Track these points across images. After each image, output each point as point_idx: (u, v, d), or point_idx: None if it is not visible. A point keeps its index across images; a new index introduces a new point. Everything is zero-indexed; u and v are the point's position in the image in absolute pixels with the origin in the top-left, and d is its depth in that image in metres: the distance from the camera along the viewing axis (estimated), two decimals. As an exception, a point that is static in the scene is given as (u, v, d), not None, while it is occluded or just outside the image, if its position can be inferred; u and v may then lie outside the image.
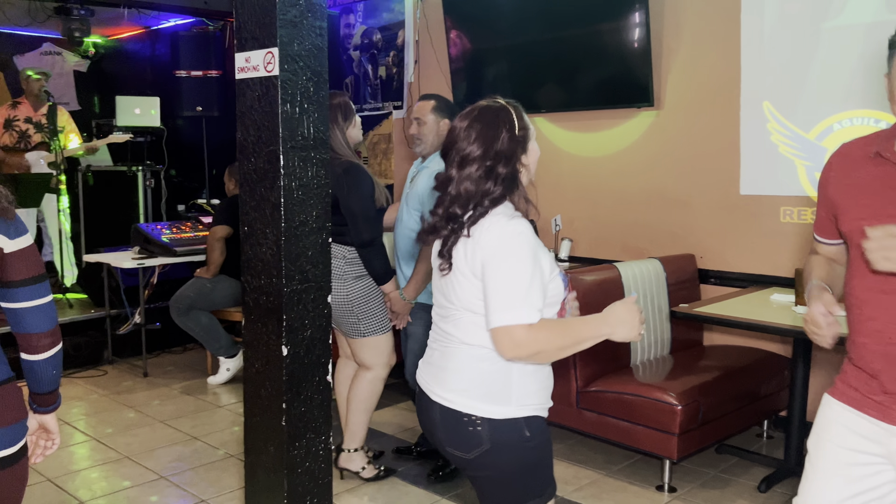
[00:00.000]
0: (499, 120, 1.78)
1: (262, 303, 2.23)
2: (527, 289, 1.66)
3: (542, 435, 1.81)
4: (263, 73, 2.16)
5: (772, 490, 3.24)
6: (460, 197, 1.75)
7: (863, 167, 1.72)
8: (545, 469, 1.83)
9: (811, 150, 3.70)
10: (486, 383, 1.76)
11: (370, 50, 5.87)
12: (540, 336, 1.66)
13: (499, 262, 1.68)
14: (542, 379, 1.82)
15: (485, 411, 1.75)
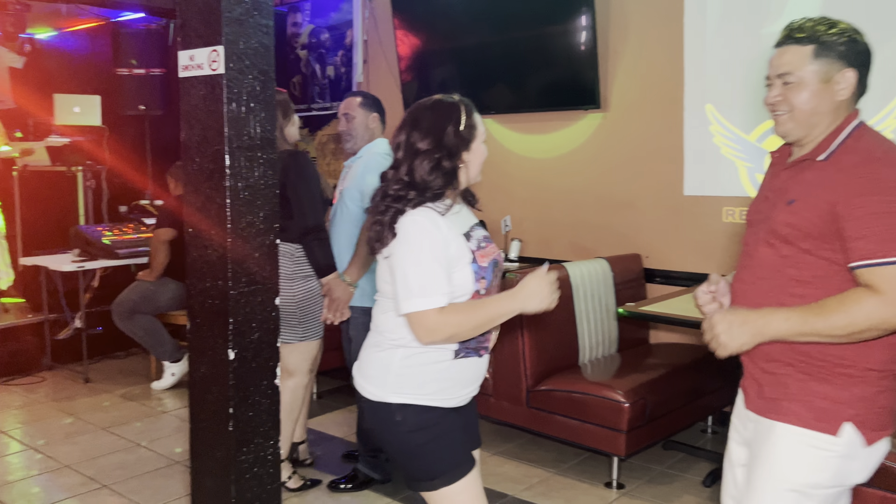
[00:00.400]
0: (448, 114, 1.86)
1: (208, 306, 2.19)
2: (431, 275, 1.76)
3: (421, 424, 1.87)
4: (208, 71, 2.11)
5: (716, 484, 3.31)
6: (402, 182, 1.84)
7: (775, 164, 1.84)
8: (430, 456, 1.88)
9: (752, 151, 3.80)
10: (372, 365, 1.92)
11: (318, 49, 5.82)
12: (451, 319, 1.76)
13: (403, 251, 1.79)
14: (429, 373, 1.87)
15: (365, 390, 1.92)
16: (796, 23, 1.69)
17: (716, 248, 3.95)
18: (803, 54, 1.65)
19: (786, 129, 1.70)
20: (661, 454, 3.64)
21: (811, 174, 1.65)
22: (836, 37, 1.64)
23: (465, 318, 1.78)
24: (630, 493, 3.25)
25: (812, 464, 1.65)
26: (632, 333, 4.01)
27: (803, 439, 1.65)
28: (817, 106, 1.65)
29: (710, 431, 3.95)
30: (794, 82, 1.66)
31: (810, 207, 1.62)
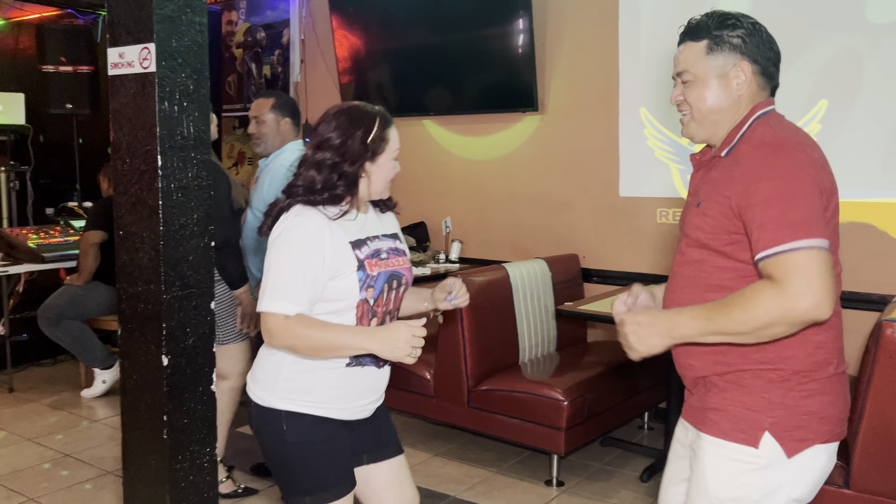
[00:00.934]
0: (361, 121, 1.82)
1: (140, 311, 2.13)
2: (290, 281, 1.71)
3: (305, 437, 1.81)
4: (139, 69, 2.06)
5: (653, 479, 3.39)
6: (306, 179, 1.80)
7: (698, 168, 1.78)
8: (307, 472, 1.81)
9: (685, 154, 3.90)
10: (262, 368, 1.87)
11: (254, 48, 5.73)
12: (294, 331, 1.70)
13: (273, 251, 1.76)
14: (319, 380, 1.81)
15: (255, 394, 1.87)
16: (693, 20, 1.64)
17: (650, 249, 4.04)
18: (698, 50, 1.59)
19: (690, 130, 1.65)
20: (599, 451, 3.70)
21: (716, 172, 1.58)
22: (730, 29, 1.58)
23: (310, 333, 1.70)
24: (569, 490, 3.30)
25: (734, 478, 1.54)
26: (570, 332, 4.07)
27: (724, 452, 1.55)
28: (715, 103, 1.58)
29: (647, 427, 4.03)
30: (691, 80, 1.60)
31: (714, 206, 1.53)
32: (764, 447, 1.52)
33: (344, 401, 1.84)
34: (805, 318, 1.38)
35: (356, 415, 1.89)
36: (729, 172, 1.53)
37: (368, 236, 1.86)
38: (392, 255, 1.89)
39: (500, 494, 3.25)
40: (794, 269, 1.37)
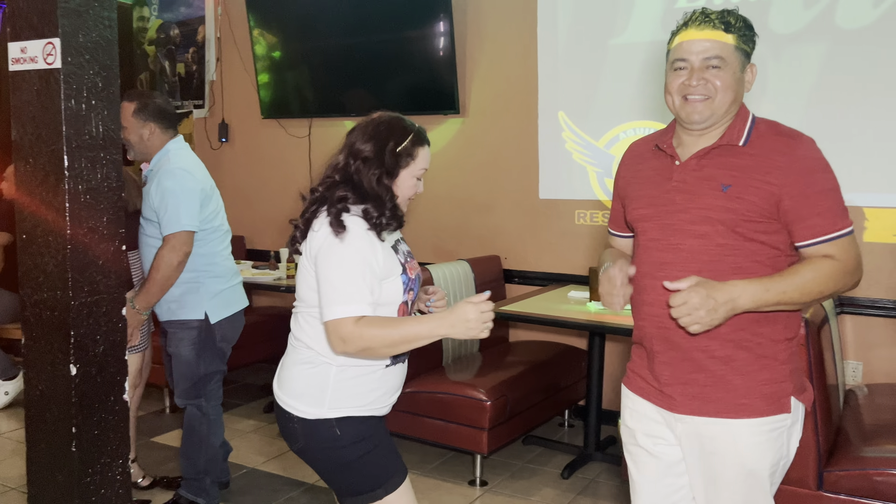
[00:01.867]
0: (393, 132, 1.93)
1: (46, 318, 2.03)
2: (354, 284, 1.72)
3: (360, 434, 1.85)
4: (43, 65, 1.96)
5: (574, 476, 3.45)
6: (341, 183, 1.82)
7: (647, 161, 1.83)
8: (372, 466, 1.86)
9: (601, 157, 4.00)
10: (304, 384, 1.84)
11: (167, 45, 5.55)
12: (367, 332, 1.70)
13: (328, 256, 1.74)
14: (364, 384, 1.85)
15: (300, 411, 1.84)
16: (713, 11, 1.67)
17: (569, 250, 4.12)
18: (728, 41, 1.65)
19: (703, 115, 1.67)
20: (521, 449, 3.75)
21: (740, 160, 1.66)
22: (750, 32, 1.68)
23: (382, 332, 1.71)
24: (493, 489, 3.33)
25: (774, 446, 1.70)
26: (492, 333, 4.07)
27: (761, 428, 1.69)
28: (736, 94, 1.67)
29: (567, 425, 4.11)
30: (722, 67, 1.65)
31: (753, 191, 1.63)
32: (792, 409, 1.72)
33: (384, 399, 1.91)
34: (854, 286, 1.67)
35: (388, 410, 1.96)
36: (764, 160, 1.64)
37: (397, 240, 1.93)
38: (412, 259, 1.96)
39: (423, 497, 3.25)
40: (852, 251, 1.64)
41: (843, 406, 3.05)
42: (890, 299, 3.39)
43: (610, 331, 3.33)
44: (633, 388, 1.88)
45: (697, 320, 1.57)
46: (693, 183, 1.70)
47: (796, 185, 1.61)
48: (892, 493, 2.44)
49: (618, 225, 1.99)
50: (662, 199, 1.74)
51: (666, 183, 1.74)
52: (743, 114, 1.71)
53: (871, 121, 3.35)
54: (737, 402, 1.69)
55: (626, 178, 1.88)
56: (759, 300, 1.59)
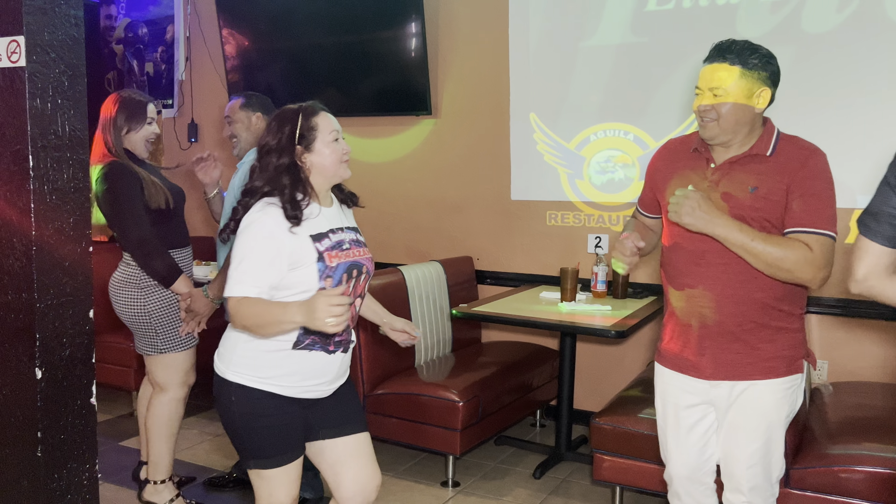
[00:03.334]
0: (285, 119, 2.03)
1: (10, 321, 1.99)
2: (249, 267, 1.91)
3: (251, 409, 2.00)
4: (7, 63, 1.93)
5: (545, 476, 3.47)
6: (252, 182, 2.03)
7: (683, 159, 2.14)
8: (253, 441, 2.01)
9: (572, 158, 4.03)
10: (223, 343, 2.08)
11: (135, 44, 5.48)
12: (245, 310, 1.89)
13: (239, 240, 1.96)
14: (266, 359, 2.00)
15: (215, 364, 2.07)
16: (725, 44, 1.99)
17: (540, 250, 4.15)
18: (731, 73, 1.95)
19: (712, 133, 2.01)
20: (493, 450, 3.76)
21: (765, 166, 1.99)
22: (758, 60, 1.96)
23: (254, 311, 1.88)
24: (465, 490, 3.34)
25: (789, 399, 2.07)
26: (465, 333, 4.12)
27: (781, 387, 2.04)
28: (741, 117, 1.97)
29: (539, 425, 4.13)
30: (722, 96, 1.96)
31: (774, 192, 1.95)
32: (803, 369, 2.09)
33: (290, 379, 2.01)
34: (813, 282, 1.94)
35: (307, 394, 2.05)
36: (782, 166, 1.97)
37: (331, 228, 2.05)
38: (354, 246, 2.08)
39: (395, 498, 3.25)
40: (826, 251, 1.91)
41: (809, 404, 3.10)
42: (853, 299, 3.46)
43: (581, 331, 3.35)
44: (667, 364, 2.19)
45: (677, 210, 1.94)
46: (727, 184, 2.02)
47: (800, 186, 1.93)
48: (856, 489, 2.49)
49: (648, 208, 2.34)
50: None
51: (701, 181, 2.06)
52: (770, 129, 2.04)
53: (835, 124, 3.42)
54: (765, 366, 2.04)
55: (662, 170, 2.20)
56: (730, 231, 1.91)
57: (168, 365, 2.94)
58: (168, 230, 2.91)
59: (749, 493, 2.11)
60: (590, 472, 3.23)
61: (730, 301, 2.02)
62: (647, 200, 2.33)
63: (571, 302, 3.45)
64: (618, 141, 3.93)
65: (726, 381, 2.08)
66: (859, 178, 3.38)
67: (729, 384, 2.08)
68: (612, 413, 2.98)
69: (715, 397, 2.11)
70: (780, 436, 2.09)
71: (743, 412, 2.08)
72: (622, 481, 2.94)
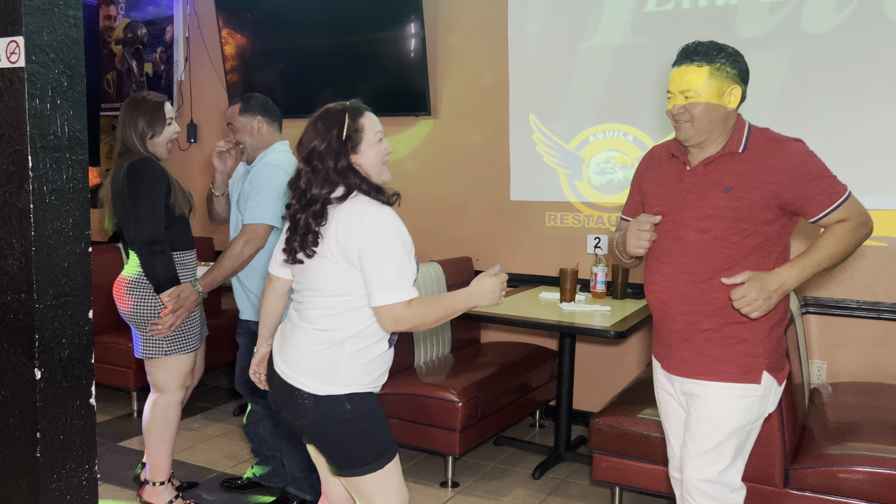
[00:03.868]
0: (332, 121, 2.01)
1: (9, 321, 1.99)
2: (402, 269, 1.90)
3: (367, 408, 2.01)
4: (6, 63, 1.93)
5: (545, 476, 3.47)
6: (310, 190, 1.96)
7: (663, 164, 2.16)
8: (376, 438, 2.01)
9: (571, 159, 4.03)
10: (318, 363, 1.98)
11: (135, 45, 5.48)
12: (418, 312, 1.91)
13: (375, 247, 1.90)
14: (371, 363, 2.01)
15: (312, 388, 1.98)
16: (691, 46, 2.00)
17: (540, 251, 4.15)
18: (700, 74, 1.96)
19: (687, 135, 2.01)
20: (492, 450, 3.76)
21: (740, 165, 1.99)
22: (725, 59, 1.97)
23: (428, 310, 1.92)
24: (464, 490, 3.34)
25: (742, 409, 2.03)
26: (464, 334, 4.12)
27: (733, 392, 2.02)
28: (714, 116, 1.98)
29: (538, 425, 4.13)
30: (694, 97, 1.97)
31: (751, 191, 1.95)
32: (763, 382, 2.03)
33: (383, 377, 2.08)
34: (871, 233, 2.00)
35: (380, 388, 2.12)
36: (760, 164, 1.97)
37: None
38: None
39: (395, 498, 3.25)
40: (856, 206, 1.97)
41: (808, 405, 3.10)
42: (853, 299, 3.46)
43: (580, 332, 3.35)
44: (655, 354, 2.25)
45: (756, 308, 1.90)
46: (701, 185, 2.03)
47: (794, 178, 1.94)
48: (855, 489, 2.50)
49: (632, 213, 2.29)
50: (675, 199, 2.08)
51: (678, 184, 2.08)
52: (740, 125, 2.04)
53: (834, 124, 3.42)
54: (715, 368, 2.03)
55: (647, 176, 2.22)
56: (801, 278, 1.93)
57: (171, 367, 2.94)
58: (178, 233, 2.91)
59: (698, 497, 2.08)
60: (589, 472, 3.24)
61: (682, 300, 2.04)
62: (633, 207, 2.30)
63: (571, 302, 3.46)
64: (617, 142, 3.93)
65: (683, 378, 2.11)
66: (860, 178, 3.38)
67: (686, 381, 2.10)
68: (611, 413, 2.98)
69: (678, 390, 2.17)
70: (734, 445, 2.05)
71: (695, 412, 2.08)
72: (621, 481, 2.94)
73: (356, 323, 1.97)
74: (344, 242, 1.92)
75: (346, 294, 1.96)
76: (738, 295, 1.91)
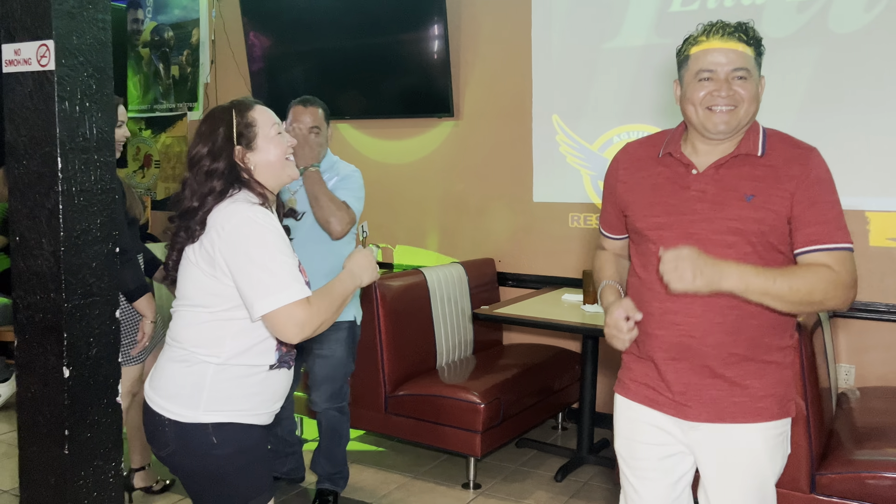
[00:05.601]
0: (217, 120, 1.78)
1: (39, 320, 2.02)
2: (287, 268, 1.65)
3: (238, 446, 1.74)
4: (37, 67, 1.96)
5: (567, 479, 3.46)
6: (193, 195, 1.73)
7: (650, 167, 1.80)
8: (241, 480, 1.77)
9: (595, 160, 4.01)
10: (178, 385, 1.73)
11: (161, 48, 5.55)
12: (319, 307, 1.67)
13: (246, 251, 1.65)
14: (244, 386, 1.75)
15: (173, 413, 1.72)
16: (732, 23, 1.70)
17: (563, 252, 4.13)
18: (749, 53, 1.68)
19: (729, 124, 1.67)
20: (514, 452, 3.75)
21: (760, 170, 1.68)
22: (762, 47, 1.71)
23: (328, 301, 1.70)
24: (486, 492, 3.33)
25: (783, 448, 1.77)
26: (486, 335, 4.11)
27: (774, 432, 1.74)
28: (757, 105, 1.70)
29: (561, 428, 4.11)
30: (748, 78, 1.67)
31: (773, 200, 1.65)
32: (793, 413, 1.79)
33: (265, 405, 1.79)
34: (843, 306, 1.66)
35: (270, 419, 1.85)
36: (780, 170, 1.67)
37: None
38: None
39: (417, 499, 3.25)
40: (848, 266, 1.64)
41: (836, 409, 3.06)
42: (882, 302, 3.40)
43: (604, 334, 3.32)
44: (634, 397, 1.85)
45: (681, 276, 1.57)
46: (715, 192, 1.70)
47: (806, 193, 1.65)
48: (884, 495, 2.45)
49: (613, 228, 1.96)
50: (682, 208, 1.73)
51: (683, 192, 1.73)
52: (754, 125, 1.73)
53: (863, 125, 3.37)
54: (754, 406, 1.72)
55: (627, 182, 1.84)
56: (746, 281, 1.59)
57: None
58: (131, 238, 2.83)
59: None
60: (612, 475, 3.21)
61: (718, 329, 1.69)
62: (611, 220, 1.95)
63: (594, 304, 3.44)
64: (641, 142, 3.90)
65: (711, 424, 1.74)
66: (891, 179, 3.33)
67: (716, 427, 1.74)
68: (634, 416, 2.96)
69: (696, 441, 1.78)
70: (772, 494, 1.78)
71: (735, 464, 1.75)
72: (644, 485, 2.92)
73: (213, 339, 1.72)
74: (209, 245, 1.68)
75: (209, 305, 1.72)
76: (670, 256, 1.59)
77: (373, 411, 3.48)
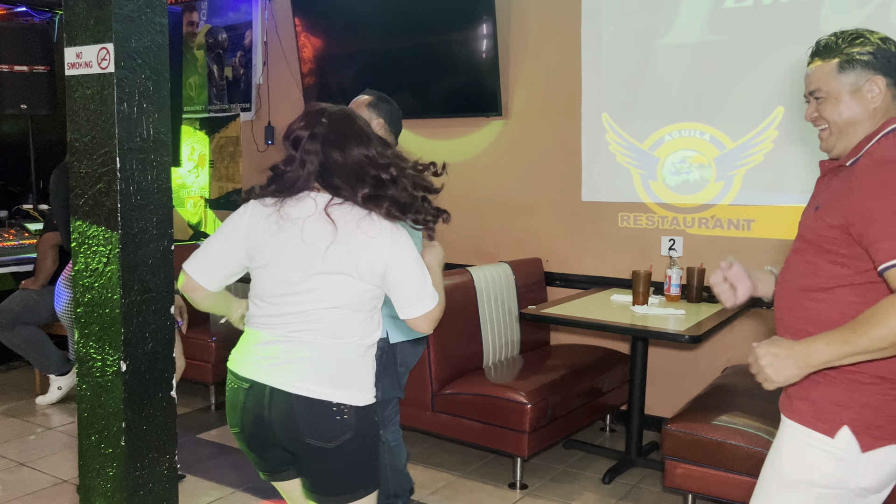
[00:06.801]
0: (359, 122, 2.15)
1: (97, 316, 2.08)
2: (426, 276, 1.92)
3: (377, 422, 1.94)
4: (97, 69, 2.02)
5: (615, 481, 3.42)
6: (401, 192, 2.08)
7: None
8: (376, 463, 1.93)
9: (645, 159, 3.96)
10: (351, 372, 1.87)
11: (215, 49, 5.66)
12: (441, 305, 1.92)
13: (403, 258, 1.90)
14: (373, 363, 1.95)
15: (354, 399, 1.85)
16: (822, 40, 1.73)
17: (612, 253, 4.08)
18: (829, 69, 1.68)
19: (828, 144, 1.72)
20: (562, 453, 3.73)
21: (838, 181, 1.67)
22: (860, 47, 1.66)
23: (442, 298, 1.93)
24: (533, 492, 3.32)
25: (807, 462, 1.67)
26: (533, 335, 4.09)
27: (802, 437, 1.68)
28: (851, 116, 1.67)
29: (609, 430, 4.07)
30: (824, 97, 1.70)
31: (831, 213, 1.63)
32: (840, 439, 1.64)
33: None
34: None
35: None
36: (850, 184, 1.61)
37: None
38: None
39: (463, 498, 3.26)
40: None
41: None
42: None
43: (654, 335, 3.29)
44: None
45: (766, 377, 1.59)
46: (811, 199, 1.78)
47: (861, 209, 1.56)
48: None
49: None
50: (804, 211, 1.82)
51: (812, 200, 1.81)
52: (874, 133, 1.66)
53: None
54: (791, 403, 1.74)
55: None
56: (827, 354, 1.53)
57: None
58: None
59: None
60: (661, 478, 3.17)
61: (779, 323, 1.77)
62: None
63: (644, 305, 3.39)
64: (693, 141, 3.83)
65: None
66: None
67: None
68: (685, 419, 2.91)
69: None
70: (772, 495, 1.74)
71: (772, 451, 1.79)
72: (694, 489, 2.87)
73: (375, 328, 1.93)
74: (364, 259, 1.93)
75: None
76: (751, 358, 1.62)
77: (419, 409, 3.49)
